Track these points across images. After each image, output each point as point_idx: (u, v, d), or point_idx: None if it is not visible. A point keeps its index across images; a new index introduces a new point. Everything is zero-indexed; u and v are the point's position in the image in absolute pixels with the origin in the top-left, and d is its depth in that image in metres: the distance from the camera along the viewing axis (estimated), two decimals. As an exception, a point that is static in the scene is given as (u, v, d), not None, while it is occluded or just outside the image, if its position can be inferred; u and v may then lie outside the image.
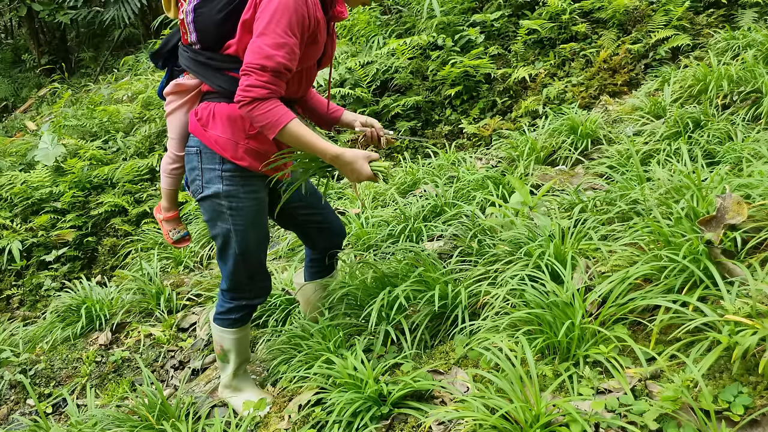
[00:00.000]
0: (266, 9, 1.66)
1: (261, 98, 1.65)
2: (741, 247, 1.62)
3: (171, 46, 1.97)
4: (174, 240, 2.19)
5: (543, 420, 1.35)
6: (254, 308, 2.09)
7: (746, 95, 2.84)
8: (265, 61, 1.64)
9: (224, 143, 1.83)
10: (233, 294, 2.01)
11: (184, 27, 1.86)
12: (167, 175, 2.06)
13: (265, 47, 1.64)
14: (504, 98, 4.09)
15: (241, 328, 2.07)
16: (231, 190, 1.85)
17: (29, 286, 4.44)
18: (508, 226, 2.33)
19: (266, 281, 2.06)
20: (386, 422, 1.70)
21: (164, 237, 2.23)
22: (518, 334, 1.66)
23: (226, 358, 2.13)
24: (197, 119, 1.87)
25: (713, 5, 3.91)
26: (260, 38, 1.65)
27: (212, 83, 1.84)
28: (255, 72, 1.64)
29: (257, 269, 2.00)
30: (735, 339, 1.34)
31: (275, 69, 1.65)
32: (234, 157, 1.83)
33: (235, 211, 1.87)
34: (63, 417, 2.73)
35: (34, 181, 4.95)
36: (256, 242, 1.94)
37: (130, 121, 5.63)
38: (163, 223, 2.18)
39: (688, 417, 1.28)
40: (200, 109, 1.88)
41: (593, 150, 3.13)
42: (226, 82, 1.82)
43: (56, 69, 9.77)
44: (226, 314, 2.04)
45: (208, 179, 1.87)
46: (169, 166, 2.04)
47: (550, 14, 4.16)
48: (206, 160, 1.86)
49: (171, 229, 2.17)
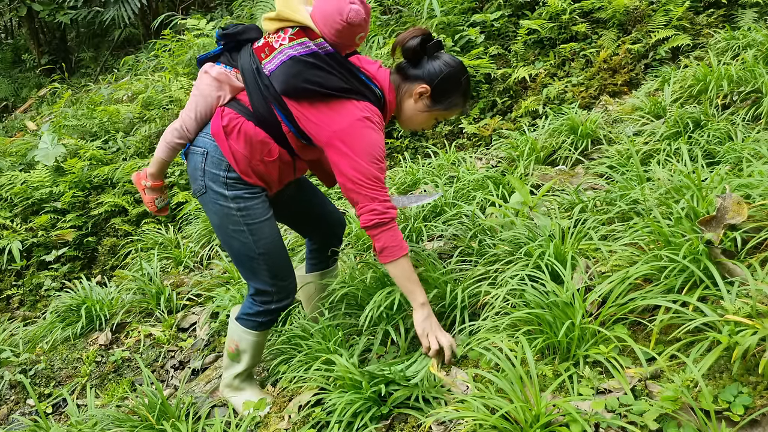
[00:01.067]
0: (366, 136, 1.81)
1: (393, 219, 1.86)
2: (741, 247, 1.62)
3: (243, 38, 1.95)
4: (158, 208, 2.14)
5: (543, 420, 1.35)
6: (280, 313, 2.09)
7: (746, 95, 2.84)
8: (382, 191, 1.84)
9: (240, 158, 1.87)
10: (261, 298, 2.02)
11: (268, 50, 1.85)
12: (168, 146, 1.98)
13: (380, 176, 1.83)
14: (504, 98, 4.09)
15: (264, 332, 2.09)
16: (236, 193, 1.89)
17: (29, 286, 4.44)
18: (508, 226, 2.33)
19: (290, 279, 2.06)
20: (386, 422, 1.70)
21: (146, 204, 2.16)
22: (518, 334, 1.66)
23: (238, 357, 2.12)
24: (223, 124, 1.88)
25: (713, 5, 3.91)
26: (372, 165, 1.81)
27: (253, 103, 1.87)
28: (380, 198, 1.83)
29: (280, 267, 2.00)
30: (735, 339, 1.34)
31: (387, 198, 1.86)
32: (242, 172, 1.88)
33: (245, 210, 1.90)
34: (63, 417, 2.73)
35: (34, 181, 4.95)
36: (272, 239, 1.96)
37: (130, 121, 5.63)
38: (146, 191, 2.11)
39: (688, 417, 1.28)
40: (229, 116, 1.89)
41: (593, 150, 3.13)
42: (266, 113, 1.86)
43: (56, 69, 9.77)
44: (253, 317, 2.05)
45: (211, 181, 1.90)
46: (174, 138, 1.96)
47: (550, 14, 4.16)
48: (210, 164, 1.89)
49: (156, 197, 2.12)
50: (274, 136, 1.89)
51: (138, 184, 2.13)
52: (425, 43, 1.88)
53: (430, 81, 1.89)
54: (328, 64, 1.80)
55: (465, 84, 1.95)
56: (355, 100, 1.82)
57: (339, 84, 1.80)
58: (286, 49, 1.80)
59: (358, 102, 1.83)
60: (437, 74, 1.89)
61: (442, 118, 2.04)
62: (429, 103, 1.93)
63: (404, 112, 1.97)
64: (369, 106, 1.84)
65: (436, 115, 1.98)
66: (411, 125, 2.02)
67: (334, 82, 1.80)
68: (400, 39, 1.90)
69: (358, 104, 1.82)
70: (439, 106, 1.94)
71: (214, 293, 3.11)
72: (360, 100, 1.83)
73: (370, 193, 1.82)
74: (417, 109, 1.95)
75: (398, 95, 1.95)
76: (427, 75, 1.89)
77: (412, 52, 1.89)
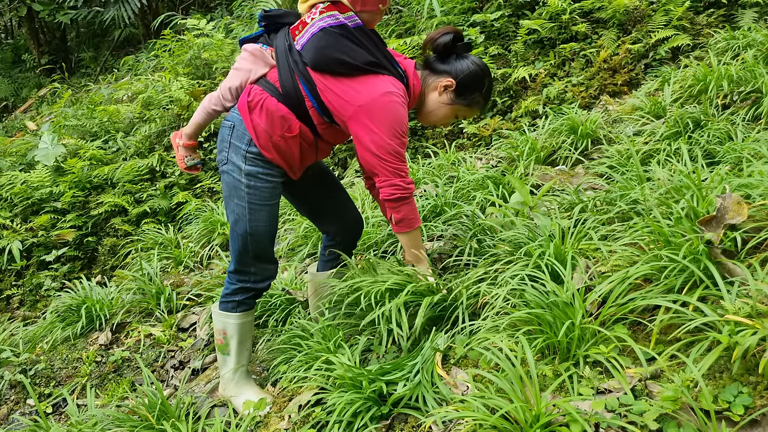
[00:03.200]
0: (391, 111, 1.86)
1: (412, 193, 1.97)
2: (741, 247, 1.62)
3: (283, 22, 2.03)
4: (187, 166, 2.25)
5: (543, 420, 1.35)
6: (259, 294, 2.14)
7: (746, 95, 2.84)
8: (404, 165, 1.93)
9: (261, 132, 1.93)
10: (239, 276, 2.07)
11: (302, 27, 1.92)
12: (204, 110, 2.11)
13: (401, 151, 1.90)
14: (504, 98, 4.09)
15: (244, 313, 2.11)
16: (252, 170, 1.95)
17: (29, 286, 4.44)
18: (508, 226, 2.33)
19: (271, 264, 2.11)
20: (386, 422, 1.70)
21: (177, 162, 2.30)
22: (518, 334, 1.66)
23: (226, 348, 2.14)
24: (248, 99, 1.95)
25: (713, 5, 3.91)
26: (395, 140, 1.88)
27: (281, 79, 1.93)
28: (402, 174, 1.93)
29: (263, 251, 2.05)
30: (735, 339, 1.34)
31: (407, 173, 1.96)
32: (262, 147, 1.93)
33: (253, 189, 1.96)
34: (63, 417, 2.73)
35: (34, 181, 4.95)
36: (265, 224, 2.00)
37: (130, 121, 5.63)
38: (179, 148, 2.23)
39: (688, 417, 1.28)
40: (255, 90, 1.96)
41: (593, 150, 3.13)
42: (291, 89, 1.92)
43: (56, 69, 9.77)
44: (231, 296, 2.10)
45: (233, 153, 1.96)
46: (211, 105, 2.09)
47: (550, 14, 4.16)
48: (236, 137, 1.96)
49: (186, 155, 2.23)
50: (297, 113, 1.94)
51: (173, 141, 2.26)
52: (456, 41, 2.00)
53: (455, 76, 2.00)
54: (356, 37, 1.86)
55: (488, 85, 2.05)
56: (381, 74, 1.88)
57: (366, 57, 1.86)
58: (317, 22, 1.86)
59: (384, 76, 1.88)
60: (464, 70, 1.99)
61: (462, 116, 2.12)
62: (453, 97, 2.02)
63: (427, 104, 2.05)
64: (394, 81, 1.90)
65: (457, 111, 2.06)
66: (431, 119, 2.08)
67: (361, 55, 1.85)
68: (433, 35, 2.01)
69: (384, 78, 1.88)
70: (462, 101, 2.02)
71: (214, 293, 3.11)
72: (386, 74, 1.89)
73: (393, 168, 1.90)
74: (440, 101, 2.03)
75: (423, 87, 2.03)
76: (454, 70, 2.00)
77: (443, 47, 2.00)
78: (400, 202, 1.95)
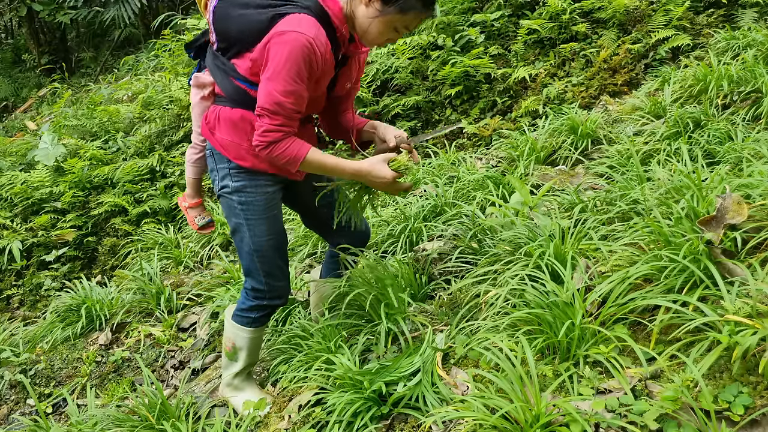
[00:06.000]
0: (278, 53, 1.70)
1: (276, 140, 1.77)
2: (741, 247, 1.62)
3: (203, 41, 2.03)
4: (199, 226, 2.29)
5: (543, 420, 1.35)
6: (273, 310, 2.11)
7: (746, 95, 2.84)
8: (276, 106, 1.73)
9: (228, 145, 1.91)
10: (255, 294, 2.04)
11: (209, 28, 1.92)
12: (191, 164, 2.19)
13: (276, 93, 1.72)
14: (504, 98, 4.09)
15: (257, 328, 2.09)
16: (238, 185, 1.93)
17: (29, 286, 4.44)
18: (508, 226, 2.33)
19: (282, 281, 2.06)
20: (386, 422, 1.70)
21: (189, 224, 2.36)
22: (518, 334, 1.66)
23: (235, 356, 2.13)
24: (206, 123, 1.95)
25: (713, 5, 3.91)
26: (271, 83, 1.72)
27: (221, 86, 1.91)
28: (268, 116, 1.74)
29: (273, 268, 2.00)
30: (735, 339, 1.34)
31: (286, 114, 1.75)
32: (237, 158, 1.90)
33: (245, 205, 1.93)
34: (63, 417, 2.73)
35: (34, 181, 4.95)
36: (267, 238, 1.96)
37: (130, 121, 5.63)
38: (188, 211, 2.29)
39: (688, 417, 1.28)
40: (209, 112, 1.96)
41: (593, 150, 3.13)
42: (231, 89, 1.88)
43: (56, 69, 9.76)
44: (246, 312, 2.07)
45: (222, 177, 1.95)
46: (193, 156, 2.17)
47: (550, 14, 4.16)
48: (218, 160, 1.95)
49: (196, 216, 2.28)
50: (251, 108, 1.83)
51: (180, 205, 2.34)
52: None
53: None
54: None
55: None
56: (279, 18, 1.72)
57: (258, 17, 1.74)
58: (210, 7, 1.86)
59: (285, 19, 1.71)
60: None
61: (403, 27, 1.80)
62: (379, 7, 1.74)
63: (358, 23, 1.80)
64: (293, 18, 1.72)
65: (393, 22, 1.76)
66: (369, 38, 1.82)
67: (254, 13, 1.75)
68: None
69: (282, 22, 1.71)
70: (391, 9, 1.72)
71: (214, 293, 3.11)
72: (287, 14, 1.72)
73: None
74: (368, 16, 1.76)
75: (349, 6, 1.79)
76: None
77: None
78: (266, 150, 1.78)
